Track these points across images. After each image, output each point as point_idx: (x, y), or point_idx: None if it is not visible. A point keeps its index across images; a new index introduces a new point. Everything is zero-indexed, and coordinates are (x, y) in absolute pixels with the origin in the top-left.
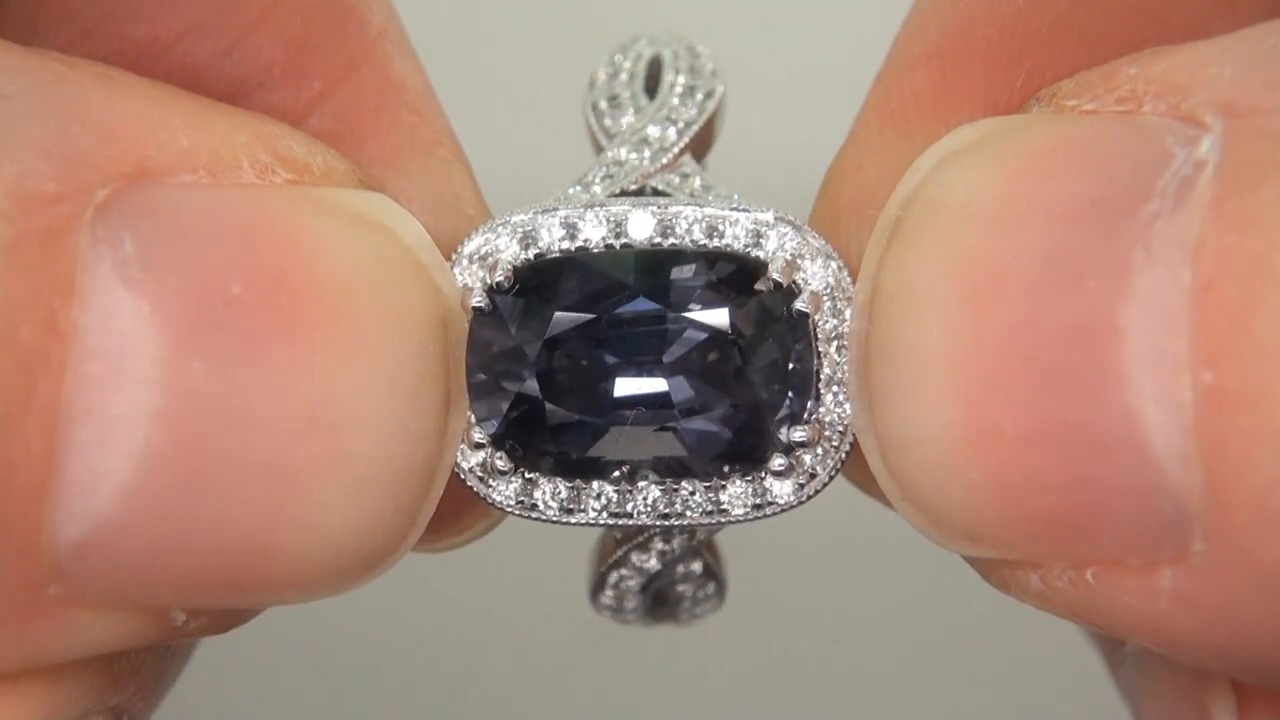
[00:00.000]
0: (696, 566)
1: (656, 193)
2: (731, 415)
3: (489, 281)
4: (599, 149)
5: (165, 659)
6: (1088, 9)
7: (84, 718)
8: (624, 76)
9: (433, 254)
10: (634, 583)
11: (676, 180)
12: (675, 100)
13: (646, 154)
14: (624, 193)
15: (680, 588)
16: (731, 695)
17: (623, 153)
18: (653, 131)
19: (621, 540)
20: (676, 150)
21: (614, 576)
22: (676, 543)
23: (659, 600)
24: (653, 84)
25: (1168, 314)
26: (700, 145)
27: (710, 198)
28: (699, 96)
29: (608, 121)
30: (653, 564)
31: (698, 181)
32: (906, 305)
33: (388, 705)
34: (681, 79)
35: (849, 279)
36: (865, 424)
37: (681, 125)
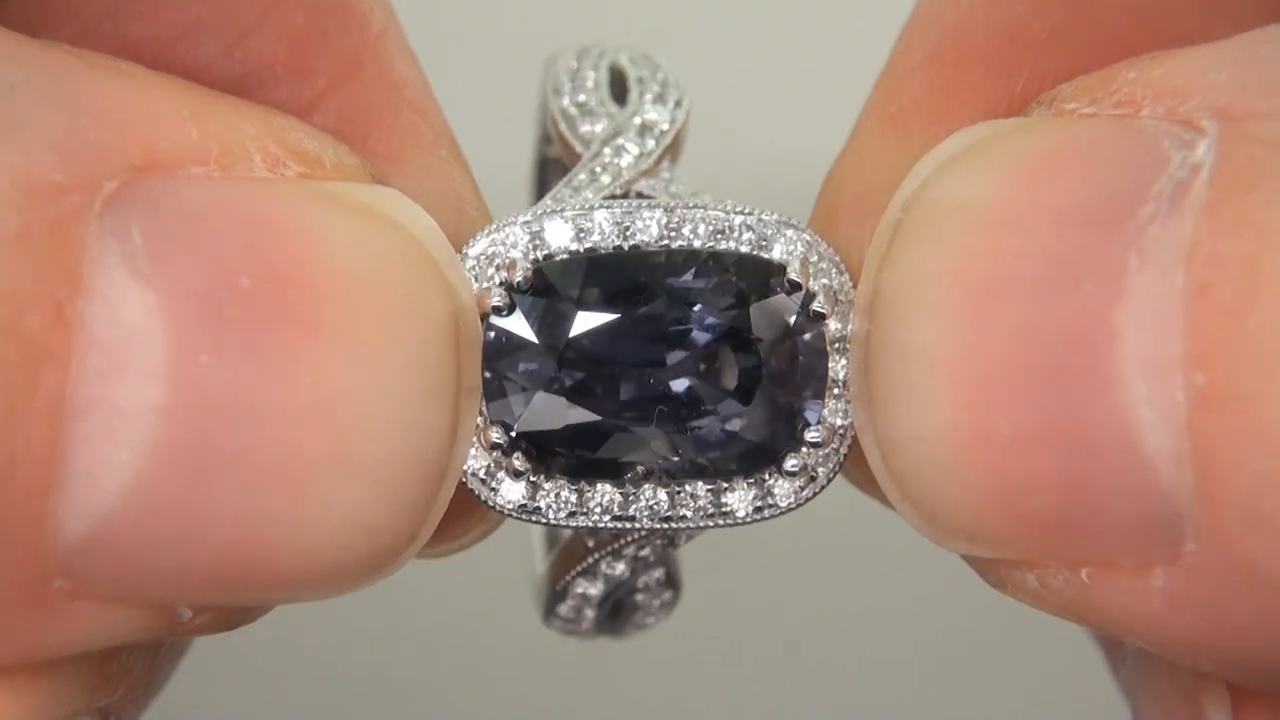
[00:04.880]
0: (659, 574)
1: (641, 197)
2: (743, 416)
3: (509, 281)
4: (572, 155)
5: (156, 661)
6: (1087, 15)
7: (74, 718)
8: (589, 84)
9: (445, 250)
10: (595, 591)
11: (659, 185)
12: (648, 106)
13: (628, 159)
14: (611, 197)
15: (638, 596)
16: (732, 698)
17: (606, 156)
18: (632, 136)
19: (594, 547)
20: (656, 156)
21: (579, 585)
22: (650, 549)
23: (616, 610)
24: (617, 91)
25: (1161, 316)
26: (673, 152)
27: (707, 199)
28: (670, 103)
29: (584, 128)
30: (621, 570)
31: (679, 186)
32: (906, 307)
33: (384, 709)
34: (653, 86)
35: (850, 284)
36: (865, 424)
37: (659, 131)
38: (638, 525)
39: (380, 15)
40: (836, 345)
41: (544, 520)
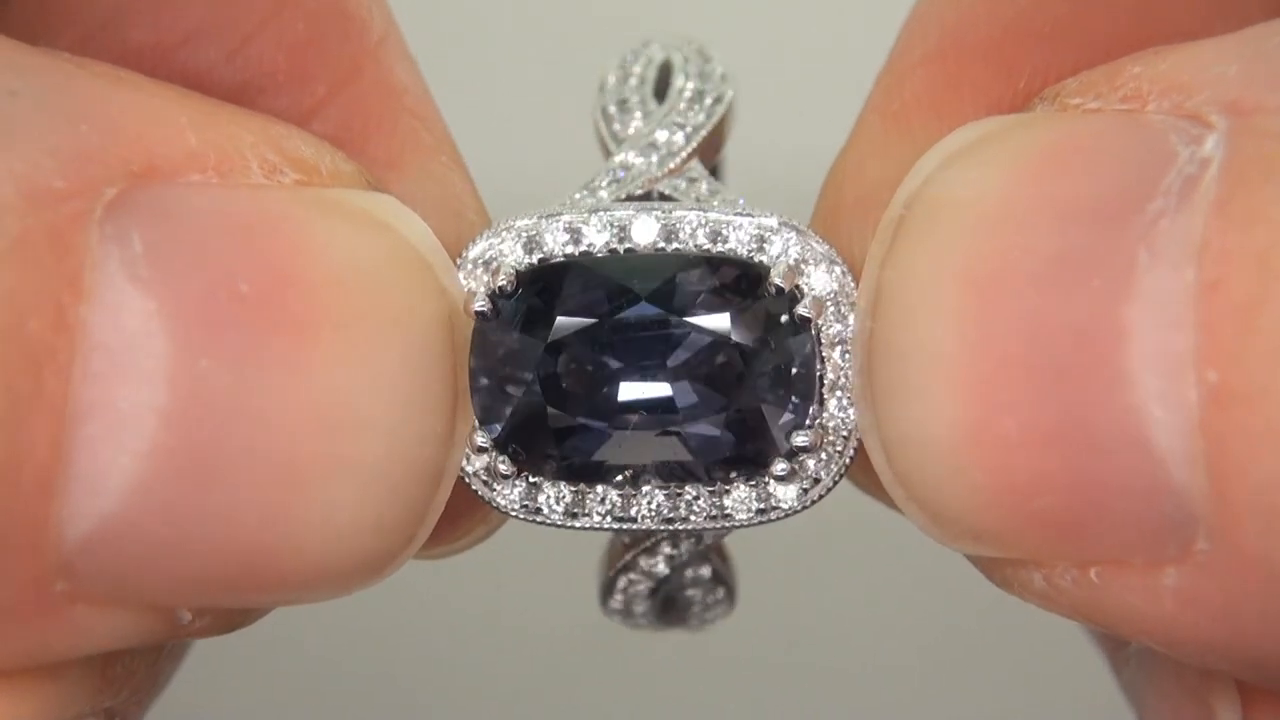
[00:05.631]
0: (705, 571)
1: (663, 197)
2: (734, 420)
3: (492, 285)
4: (608, 153)
5: (159, 662)
6: (1090, 9)
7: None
8: (633, 81)
9: (439, 255)
10: (643, 587)
11: (683, 185)
12: (684, 105)
13: (654, 158)
14: (630, 197)
15: (690, 592)
16: (736, 699)
17: (630, 157)
18: (660, 136)
19: (630, 545)
20: (684, 155)
21: (622, 581)
22: (684, 547)
23: (668, 605)
24: (662, 88)
25: (1172, 313)
26: (709, 150)
27: (716, 202)
28: (708, 101)
29: (616, 126)
30: (660, 568)
31: (704, 186)
32: (910, 305)
33: (384, 709)
34: (691, 84)
35: (852, 284)
36: (869, 425)
37: (689, 130)
38: (640, 527)
39: (380, 22)
40: (837, 346)
41: (544, 521)
